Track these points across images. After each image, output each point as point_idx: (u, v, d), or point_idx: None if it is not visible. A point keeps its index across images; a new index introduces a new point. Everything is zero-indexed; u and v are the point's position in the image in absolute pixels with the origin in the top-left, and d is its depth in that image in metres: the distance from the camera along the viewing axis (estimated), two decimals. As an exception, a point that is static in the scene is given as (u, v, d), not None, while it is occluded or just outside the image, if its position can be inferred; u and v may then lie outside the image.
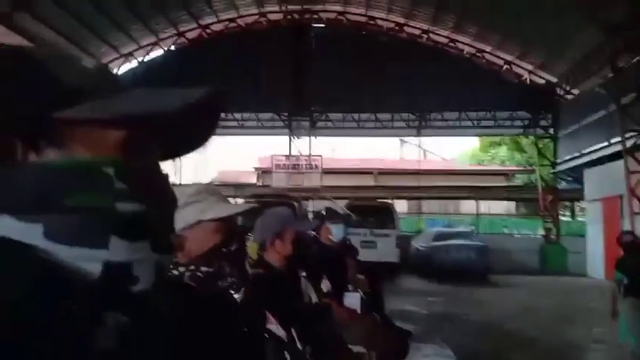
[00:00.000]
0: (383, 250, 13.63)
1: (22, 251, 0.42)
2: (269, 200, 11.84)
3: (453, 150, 30.13)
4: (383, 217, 14.31)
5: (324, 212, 3.64)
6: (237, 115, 18.37)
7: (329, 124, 19.30)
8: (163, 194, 0.50)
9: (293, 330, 1.76)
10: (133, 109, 0.43)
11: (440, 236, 15.00)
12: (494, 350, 5.36)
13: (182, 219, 1.25)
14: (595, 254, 15.58)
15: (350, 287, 3.62)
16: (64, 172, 0.43)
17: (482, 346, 5.60)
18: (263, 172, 22.76)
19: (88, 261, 0.44)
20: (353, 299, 3.46)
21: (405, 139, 24.95)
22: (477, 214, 20.84)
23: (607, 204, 14.98)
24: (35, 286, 0.41)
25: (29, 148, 0.43)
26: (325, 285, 3.27)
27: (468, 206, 22.39)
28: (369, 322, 3.35)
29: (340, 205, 4.13)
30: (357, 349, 2.93)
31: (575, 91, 17.51)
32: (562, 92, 18.17)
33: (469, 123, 19.28)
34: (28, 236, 0.42)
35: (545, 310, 8.63)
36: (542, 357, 5.15)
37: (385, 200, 16.51)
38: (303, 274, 2.63)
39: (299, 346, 1.81)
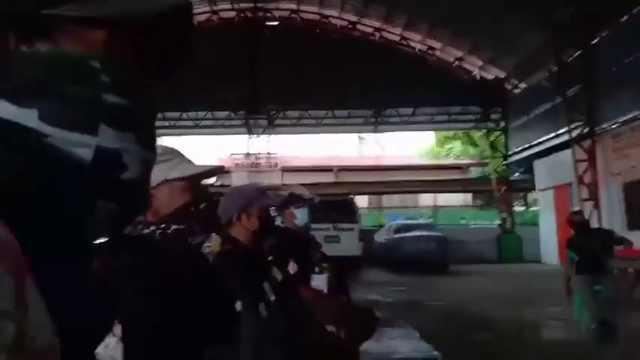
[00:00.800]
0: (346, 244, 13.74)
1: (19, 130, 0.45)
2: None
3: (410, 145, 30.66)
4: (345, 212, 14.41)
5: (287, 197, 3.63)
6: (192, 114, 18.11)
7: (287, 121, 19.29)
8: (143, 93, 0.53)
9: (261, 305, 1.75)
10: (112, 11, 0.48)
11: (400, 229, 15.26)
12: (457, 332, 5.50)
13: None
14: (548, 241, 16.22)
15: (316, 269, 3.63)
16: (55, 62, 0.47)
17: (445, 329, 5.73)
18: (224, 172, 22.49)
19: (79, 146, 0.47)
20: (320, 280, 3.47)
21: (363, 135, 25.22)
22: (435, 207, 21.30)
23: (557, 192, 15.63)
24: (32, 162, 0.44)
25: (22, 41, 0.47)
26: (291, 268, 3.27)
27: (427, 199, 22.88)
28: (336, 301, 3.38)
29: (303, 189, 4.12)
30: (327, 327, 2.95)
31: (523, 85, 18.18)
32: (510, 86, 18.85)
33: (423, 118, 19.74)
34: (24, 119, 0.45)
35: (503, 294, 8.93)
36: (502, 335, 5.32)
37: (346, 196, 16.61)
38: (270, 257, 2.62)
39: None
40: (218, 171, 1.36)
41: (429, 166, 26.14)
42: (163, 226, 1.22)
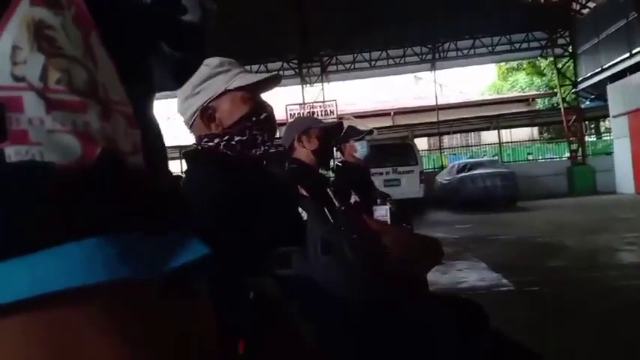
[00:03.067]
0: (407, 186, 13.64)
1: None
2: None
3: (471, 82, 29.38)
4: (403, 155, 14.22)
5: (345, 130, 3.62)
6: (247, 67, 18.19)
7: (340, 67, 18.95)
8: None
9: (326, 211, 1.78)
10: None
11: (464, 168, 14.90)
12: (526, 261, 5.39)
13: (209, 90, 1.26)
14: (623, 170, 15.34)
15: (378, 201, 3.63)
16: None
17: (515, 259, 5.64)
18: (279, 125, 22.67)
19: None
20: (382, 211, 3.47)
21: (420, 75, 24.38)
22: (500, 144, 20.53)
23: (633, 117, 14.59)
24: None
25: None
26: (353, 199, 3.30)
27: (491, 137, 22.07)
28: (400, 231, 3.38)
29: (361, 122, 4.10)
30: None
31: (592, 4, 16.72)
32: (578, 6, 17.39)
33: (484, 50, 18.70)
34: None
35: (575, 225, 8.59)
36: (574, 261, 5.15)
37: (405, 138, 16.35)
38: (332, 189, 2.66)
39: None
40: (276, 80, 1.37)
41: (491, 101, 25.10)
42: (227, 137, 1.25)
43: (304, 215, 1.61)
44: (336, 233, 1.77)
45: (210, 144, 1.26)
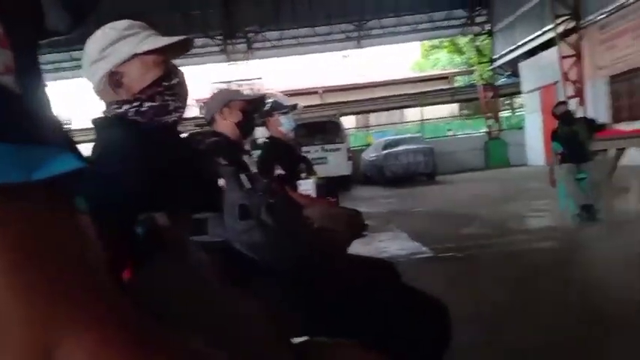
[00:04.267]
0: (334, 164, 13.82)
1: None
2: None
3: (395, 60, 30.06)
4: (331, 132, 14.38)
5: (270, 104, 3.58)
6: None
7: (267, 44, 18.67)
8: None
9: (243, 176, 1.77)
10: None
11: (388, 145, 15.31)
12: (444, 229, 5.67)
13: (116, 54, 1.19)
14: (534, 143, 16.40)
15: (303, 175, 3.65)
16: None
17: (433, 228, 5.91)
18: (204, 103, 22.11)
19: None
20: (307, 185, 3.49)
21: (347, 52, 24.58)
22: (422, 121, 21.26)
23: (543, 93, 15.56)
24: None
25: None
26: (277, 172, 3.30)
27: (414, 114, 22.79)
28: (324, 204, 3.42)
29: (286, 97, 4.08)
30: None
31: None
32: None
33: (408, 28, 19.13)
34: None
35: (489, 195, 9.13)
36: (488, 228, 5.49)
37: (332, 116, 16.47)
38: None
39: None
40: (187, 43, 1.32)
41: (414, 79, 25.79)
42: (137, 104, 1.19)
43: (224, 185, 1.60)
44: (253, 199, 1.76)
45: (119, 111, 1.20)
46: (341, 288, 1.57)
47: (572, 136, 5.48)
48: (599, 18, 12.31)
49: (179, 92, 1.25)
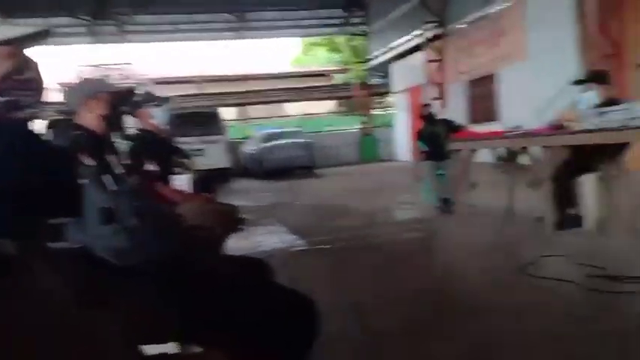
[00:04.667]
0: (213, 156, 13.51)
1: None
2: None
3: (277, 54, 30.19)
4: (209, 124, 14.03)
5: (141, 95, 3.40)
6: (26, 21, 15.66)
7: (140, 27, 17.61)
8: None
9: (107, 177, 1.66)
10: None
11: (268, 138, 15.35)
12: (321, 222, 5.86)
13: None
14: (402, 140, 17.57)
15: (177, 170, 3.53)
16: None
17: (310, 221, 6.08)
18: (68, 90, 20.24)
19: None
20: (182, 181, 3.39)
21: (228, 43, 24.13)
22: (302, 115, 21.66)
23: (411, 94, 16.71)
24: None
25: None
26: (149, 167, 3.15)
27: (293, 108, 23.11)
28: (200, 199, 3.34)
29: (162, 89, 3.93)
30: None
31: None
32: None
33: (289, 23, 19.31)
34: None
35: (362, 188, 9.63)
36: (360, 220, 5.80)
37: (210, 107, 16.08)
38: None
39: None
40: (44, 34, 1.20)
41: (295, 74, 26.10)
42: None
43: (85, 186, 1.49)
44: (119, 201, 1.67)
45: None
46: (213, 287, 1.56)
47: (434, 136, 5.98)
48: (460, 26, 13.52)
49: (32, 87, 1.15)
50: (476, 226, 4.71)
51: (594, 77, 4.22)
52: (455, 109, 13.95)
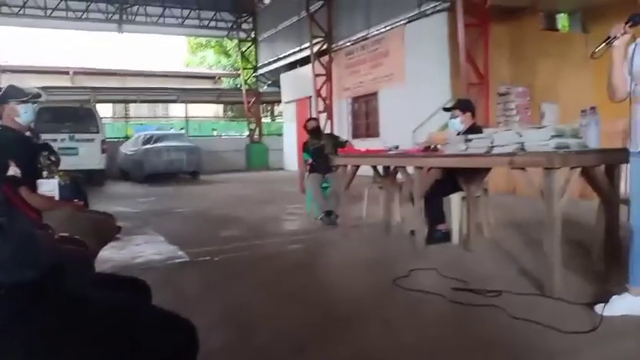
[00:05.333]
0: (86, 156, 12.56)
1: None
2: None
3: (161, 52, 28.92)
4: (83, 120, 12.99)
5: (4, 90, 3.08)
6: None
7: (6, 9, 15.87)
8: None
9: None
10: None
11: (149, 139, 14.61)
12: (205, 232, 5.72)
13: None
14: (291, 150, 17.82)
15: (44, 174, 3.22)
16: None
17: (193, 231, 5.90)
18: None
19: None
20: (49, 186, 3.10)
21: (107, 35, 22.57)
22: (187, 118, 20.98)
23: (299, 105, 17.04)
24: None
25: None
26: (12, 171, 2.85)
27: (178, 110, 22.30)
28: (70, 207, 3.08)
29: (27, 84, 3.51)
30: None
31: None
32: (261, -4, 19.12)
33: (174, 21, 18.69)
34: None
35: (249, 197, 9.58)
36: (246, 230, 5.76)
37: (85, 102, 14.90)
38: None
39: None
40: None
41: (180, 74, 25.25)
42: None
43: None
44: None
45: None
46: (85, 307, 1.44)
47: (319, 150, 6.16)
48: (346, 45, 14.11)
49: None
50: (356, 239, 4.93)
51: (460, 105, 4.65)
52: (340, 123, 14.51)
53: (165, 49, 28.79)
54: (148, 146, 14.09)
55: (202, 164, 14.68)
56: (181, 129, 20.29)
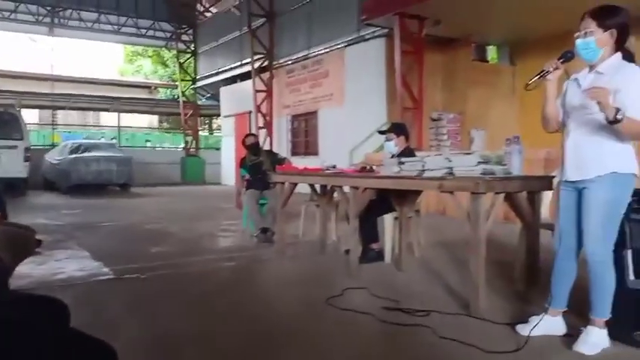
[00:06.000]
0: (8, 164, 11.81)
1: None
2: None
3: (95, 58, 27.79)
4: (7, 126, 12.21)
5: None
6: None
7: None
8: None
9: None
10: None
11: (78, 148, 13.93)
12: (133, 247, 5.49)
13: None
14: (229, 165, 17.59)
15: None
16: None
17: (120, 246, 5.65)
18: None
19: None
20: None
21: (36, 37, 21.44)
22: (119, 127, 20.24)
23: (239, 120, 16.91)
24: None
25: None
26: None
27: (110, 119, 21.48)
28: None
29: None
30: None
31: (214, 10, 18.54)
32: (202, 9, 18.97)
33: (110, 27, 18.12)
34: None
35: (183, 211, 9.33)
36: (178, 246, 5.58)
37: (9, 106, 14.01)
38: None
39: None
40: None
41: (114, 82, 24.42)
42: None
43: None
44: None
45: None
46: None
47: (257, 166, 6.13)
48: (287, 63, 14.22)
49: None
50: (291, 257, 4.91)
51: (395, 129, 4.79)
52: (279, 140, 14.53)
53: (100, 56, 27.69)
54: (75, 155, 13.42)
55: (134, 176, 14.16)
56: (112, 139, 19.55)
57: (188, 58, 20.06)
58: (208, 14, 18.96)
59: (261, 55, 14.57)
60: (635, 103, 2.21)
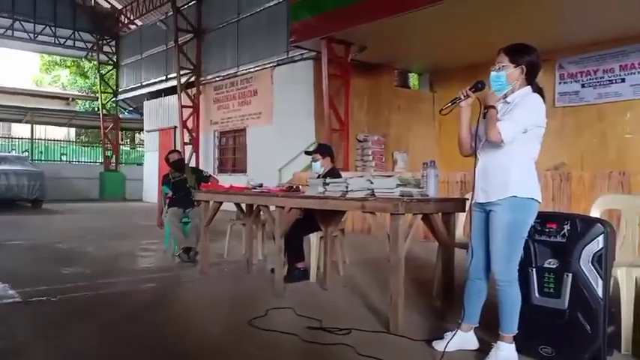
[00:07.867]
0: None
1: None
2: None
3: (7, 66, 26.01)
4: None
5: None
6: None
7: None
8: None
9: None
10: None
11: (-16, 161, 12.92)
12: (44, 268, 5.14)
13: None
14: (151, 181, 17.02)
15: None
16: None
17: (29, 267, 5.27)
18: None
19: None
20: None
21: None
22: (32, 140, 18.99)
23: (163, 135, 16.47)
24: None
25: None
26: None
27: (22, 130, 20.13)
28: None
29: None
30: None
31: (139, 22, 18.07)
32: (126, 21, 18.43)
33: (24, 35, 17.11)
34: None
35: (100, 229, 8.88)
36: (93, 267, 5.30)
37: None
38: None
39: None
40: None
41: (28, 92, 22.98)
42: None
43: None
44: None
45: None
46: None
47: (180, 183, 5.98)
48: (215, 79, 14.10)
49: None
50: (215, 277, 4.81)
51: (320, 150, 4.89)
52: (206, 156, 14.29)
53: (14, 64, 25.96)
54: (-19, 169, 12.42)
55: (47, 191, 13.31)
56: (24, 151, 18.32)
57: (110, 70, 19.32)
58: (133, 27, 18.41)
59: (188, 71, 14.34)
60: (513, 114, 2.45)
